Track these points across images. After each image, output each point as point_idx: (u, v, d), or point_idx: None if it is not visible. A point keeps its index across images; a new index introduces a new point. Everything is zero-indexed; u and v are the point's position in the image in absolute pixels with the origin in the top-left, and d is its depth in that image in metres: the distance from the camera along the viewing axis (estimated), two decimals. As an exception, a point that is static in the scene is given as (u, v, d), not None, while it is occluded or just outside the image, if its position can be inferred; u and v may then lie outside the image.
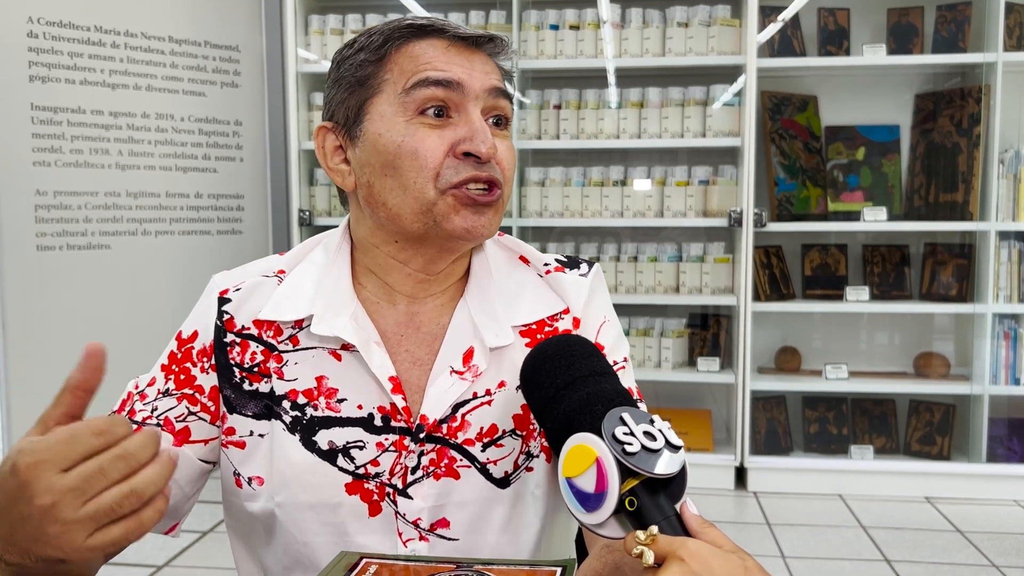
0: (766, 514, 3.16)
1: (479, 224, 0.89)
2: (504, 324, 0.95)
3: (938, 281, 3.45)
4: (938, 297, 3.45)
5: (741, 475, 3.45)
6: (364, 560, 0.78)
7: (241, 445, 0.94)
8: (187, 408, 0.94)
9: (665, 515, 0.66)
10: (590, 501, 0.68)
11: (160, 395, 0.94)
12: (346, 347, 0.92)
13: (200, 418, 0.94)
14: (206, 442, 0.95)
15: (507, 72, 0.96)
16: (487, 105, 0.90)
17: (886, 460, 3.43)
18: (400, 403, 0.91)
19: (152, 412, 0.93)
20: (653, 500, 0.67)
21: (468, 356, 0.94)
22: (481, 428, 0.93)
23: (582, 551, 1.09)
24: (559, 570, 0.75)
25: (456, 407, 0.92)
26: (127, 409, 0.94)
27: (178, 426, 0.93)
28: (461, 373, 0.93)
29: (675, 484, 0.68)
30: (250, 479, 0.93)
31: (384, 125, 0.89)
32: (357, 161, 0.92)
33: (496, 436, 0.93)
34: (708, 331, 3.60)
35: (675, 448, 0.68)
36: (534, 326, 0.97)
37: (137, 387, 0.96)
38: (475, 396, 0.93)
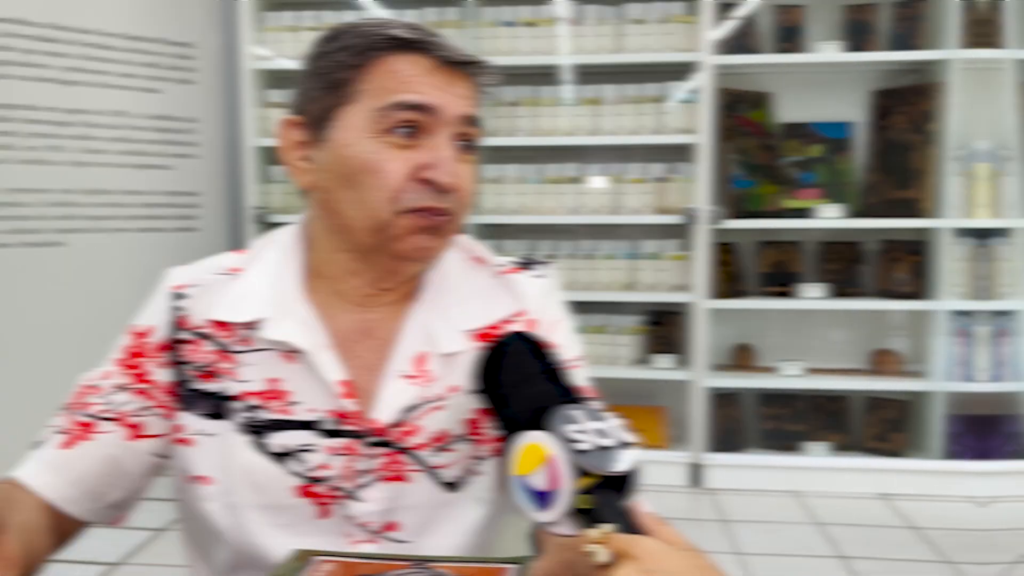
0: (721, 511, 3.16)
1: (430, 246, 0.90)
2: (458, 329, 0.95)
3: (893, 278, 3.45)
4: (893, 294, 3.45)
5: (696, 472, 3.44)
6: (317, 558, 0.79)
7: (189, 444, 0.94)
8: (142, 403, 0.94)
9: (618, 513, 0.66)
10: (542, 500, 0.68)
11: (116, 389, 0.94)
12: (298, 350, 0.92)
13: (154, 413, 0.94)
14: (159, 437, 0.95)
15: (485, 91, 0.94)
16: (458, 131, 0.89)
17: (841, 457, 3.43)
18: (351, 407, 0.91)
19: (107, 406, 0.93)
20: (606, 498, 0.66)
21: (420, 361, 0.93)
22: (432, 433, 0.93)
23: (536, 548, 1.09)
24: (513, 567, 0.75)
25: (407, 411, 0.92)
26: (80, 403, 0.94)
27: (132, 420, 0.93)
28: (413, 378, 0.92)
29: (628, 482, 0.68)
30: (197, 478, 0.93)
31: (352, 136, 0.87)
32: (319, 163, 0.91)
33: (447, 441, 0.93)
34: (663, 328, 3.59)
35: (627, 446, 0.68)
36: (488, 329, 0.96)
37: (88, 382, 0.96)
38: (427, 401, 0.93)
